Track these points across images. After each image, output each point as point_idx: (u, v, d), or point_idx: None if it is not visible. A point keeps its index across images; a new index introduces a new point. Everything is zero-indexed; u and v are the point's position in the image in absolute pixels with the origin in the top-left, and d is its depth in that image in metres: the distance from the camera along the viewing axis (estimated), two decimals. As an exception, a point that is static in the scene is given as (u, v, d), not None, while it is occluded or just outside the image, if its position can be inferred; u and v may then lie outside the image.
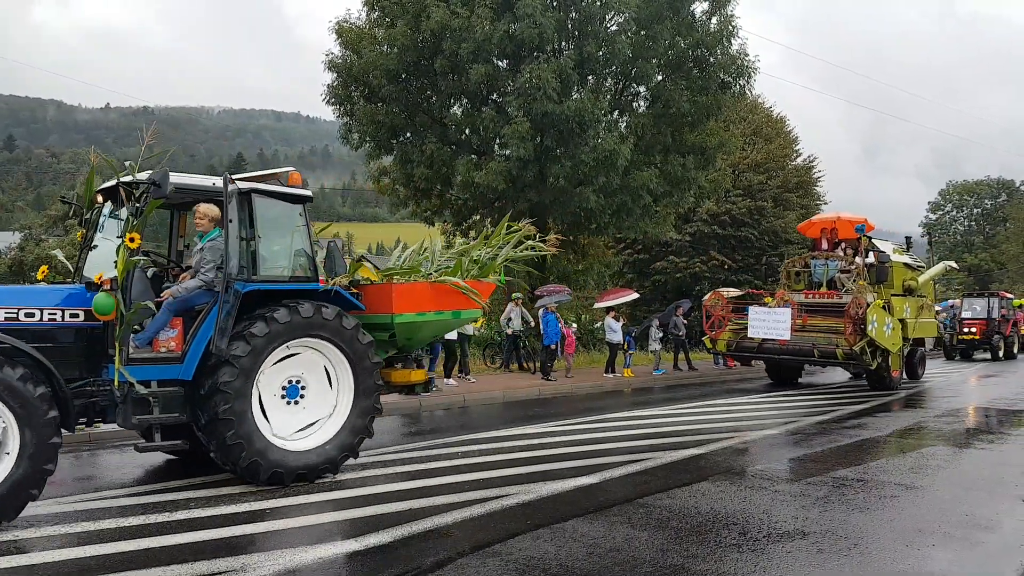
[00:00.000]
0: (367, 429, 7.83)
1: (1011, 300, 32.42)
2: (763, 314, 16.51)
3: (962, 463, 8.91)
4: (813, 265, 17.62)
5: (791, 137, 37.63)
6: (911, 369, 18.87)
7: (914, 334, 17.86)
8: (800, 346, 15.93)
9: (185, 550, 5.39)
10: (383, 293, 8.43)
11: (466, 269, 9.06)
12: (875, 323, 15.11)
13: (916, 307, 17.94)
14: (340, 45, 21.45)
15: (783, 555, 5.38)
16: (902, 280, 17.92)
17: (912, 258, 19.68)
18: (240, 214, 7.26)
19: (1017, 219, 61.17)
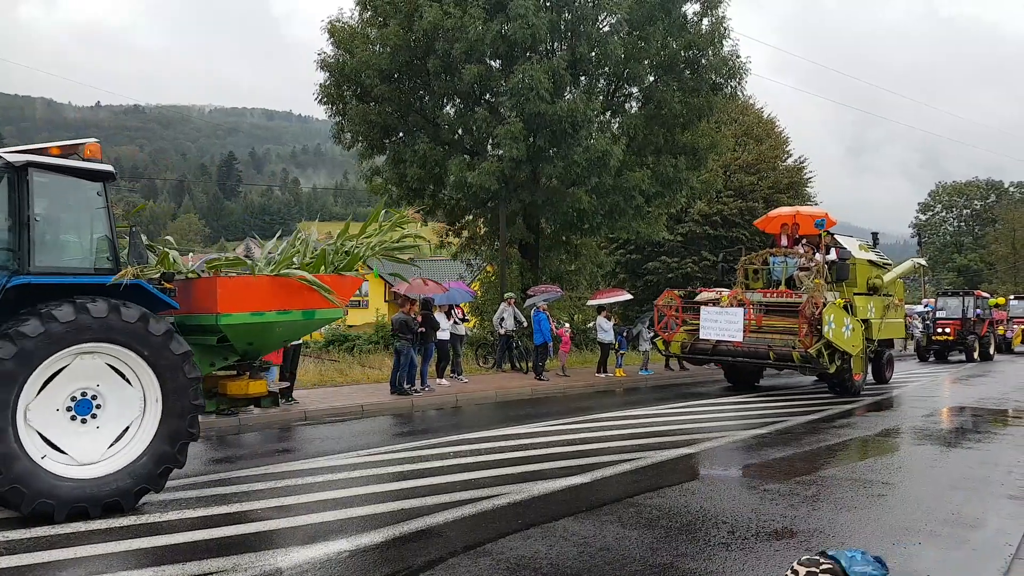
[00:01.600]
0: (175, 458, 6.58)
1: (987, 299, 31.13)
2: (715, 314, 15.63)
3: (948, 462, 8.99)
4: (772, 263, 16.75)
5: (782, 138, 37.76)
6: (878, 372, 18.15)
7: (880, 335, 16.99)
8: (755, 348, 15.04)
9: (176, 550, 5.41)
10: (207, 289, 7.22)
11: (331, 262, 8.05)
12: (832, 324, 14.26)
13: (881, 307, 17.01)
14: (332, 44, 21.42)
15: (771, 553, 5.44)
16: (867, 278, 17.08)
17: (878, 255, 18.64)
18: (11, 193, 6.19)
19: (1006, 220, 61.53)
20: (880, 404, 14.40)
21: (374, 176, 23.75)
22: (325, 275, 7.73)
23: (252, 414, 11.45)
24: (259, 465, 8.27)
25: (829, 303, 14.47)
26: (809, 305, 14.32)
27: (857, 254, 16.92)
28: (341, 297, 7.81)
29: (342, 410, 12.35)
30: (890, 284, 17.82)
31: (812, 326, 14.19)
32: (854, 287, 16.38)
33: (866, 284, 16.97)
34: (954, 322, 28.14)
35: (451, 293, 16.97)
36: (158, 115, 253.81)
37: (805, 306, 14.35)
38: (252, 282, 7.40)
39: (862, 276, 16.87)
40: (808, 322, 14.20)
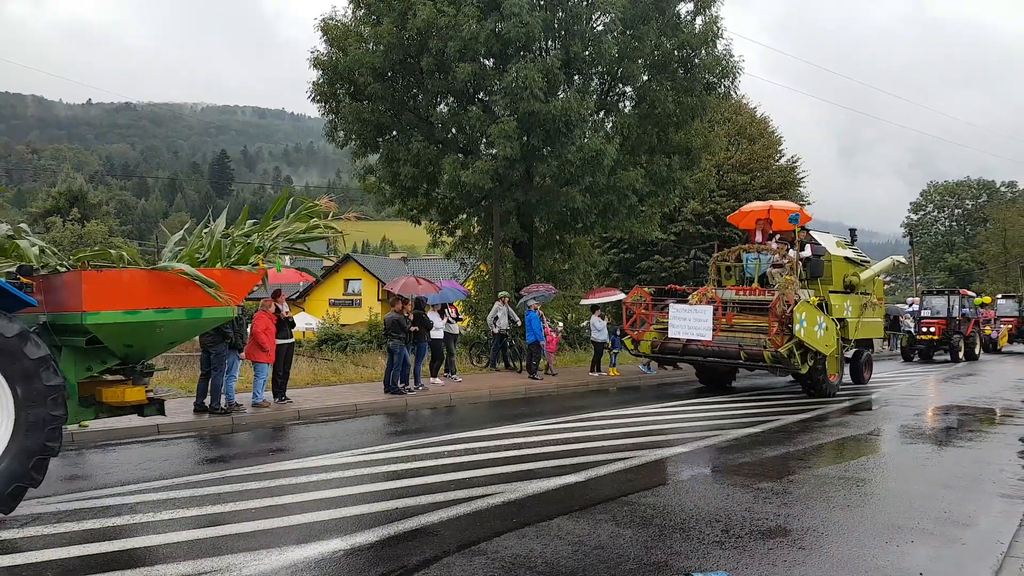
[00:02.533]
0: (30, 475, 5.88)
1: (973, 298, 30.69)
2: (684, 312, 15.09)
3: (941, 461, 9.03)
4: (745, 259, 16.10)
5: (775, 138, 37.89)
6: (856, 373, 17.59)
7: (857, 335, 16.57)
8: (725, 348, 14.55)
9: (170, 550, 5.39)
10: (72, 285, 6.50)
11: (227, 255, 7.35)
12: (804, 322, 13.73)
13: (859, 305, 16.59)
14: (325, 42, 21.37)
15: (765, 552, 5.45)
16: (843, 276, 16.49)
17: (856, 252, 17.99)
18: None
19: (997, 220, 61.91)
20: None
21: (367, 175, 23.72)
22: (215, 269, 7.02)
23: (245, 414, 11.43)
24: (252, 464, 8.24)
25: (801, 301, 13.95)
26: (780, 303, 13.85)
27: (833, 251, 16.40)
28: (233, 293, 6.98)
29: (336, 409, 12.33)
30: (868, 282, 17.31)
31: (783, 325, 13.77)
32: (830, 285, 15.86)
33: (842, 282, 16.44)
34: (939, 321, 27.79)
35: (444, 292, 16.96)
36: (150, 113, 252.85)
37: (775, 304, 13.87)
38: (124, 277, 6.65)
39: (838, 274, 16.36)
40: (779, 320, 13.76)
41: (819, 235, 16.91)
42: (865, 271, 17.28)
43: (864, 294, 16.96)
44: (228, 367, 11.52)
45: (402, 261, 63.48)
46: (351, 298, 54.39)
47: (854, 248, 18.13)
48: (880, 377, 19.43)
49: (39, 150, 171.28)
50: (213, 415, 11.12)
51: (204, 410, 11.23)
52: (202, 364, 11.55)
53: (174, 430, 10.39)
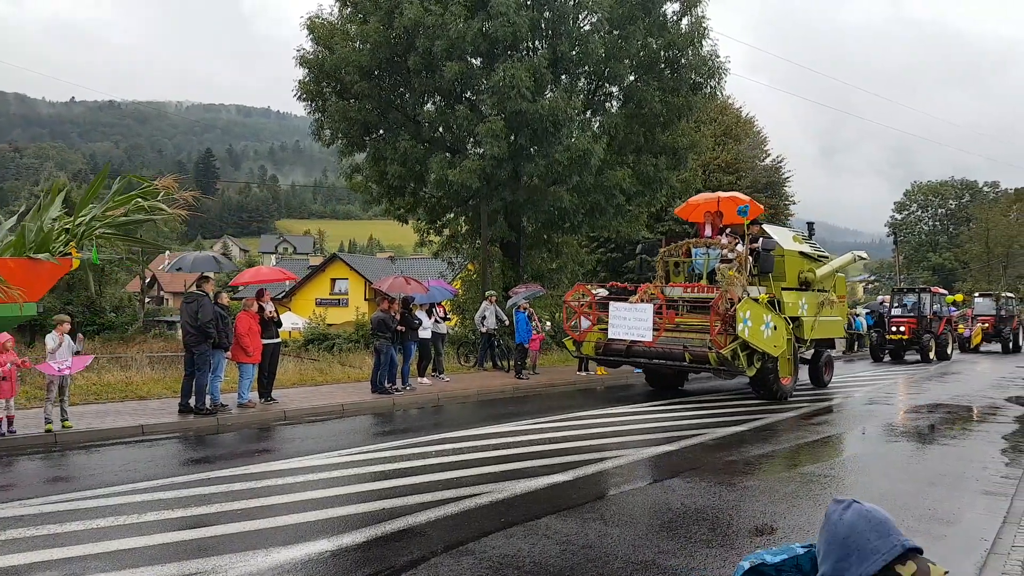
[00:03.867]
0: None
1: (944, 296, 29.55)
2: (624, 312, 14.20)
3: (925, 459, 9.11)
4: (694, 254, 15.13)
5: (760, 138, 38.11)
6: (815, 375, 16.73)
7: (814, 334, 15.63)
8: (670, 349, 13.70)
9: (155, 552, 5.34)
10: None
11: (32, 242, 6.26)
12: (749, 321, 12.89)
13: (815, 303, 15.63)
14: (312, 40, 21.28)
15: (752, 550, 5.47)
16: (798, 272, 15.54)
17: (813, 247, 17.00)
18: None
19: (980, 219, 62.53)
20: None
21: (354, 173, 23.64)
22: (6, 259, 5.99)
23: (230, 414, 11.36)
24: (239, 465, 8.19)
25: (745, 299, 13.11)
26: (722, 300, 13.02)
27: (788, 245, 15.52)
28: (28, 287, 5.92)
29: (322, 410, 12.28)
30: (826, 278, 16.31)
31: (726, 324, 12.99)
32: (783, 282, 14.96)
33: (797, 278, 15.50)
34: (909, 320, 26.74)
35: (432, 291, 16.92)
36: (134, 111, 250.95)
37: (718, 302, 13.04)
38: None
39: (792, 270, 15.40)
40: (722, 319, 12.99)
41: (773, 229, 16.15)
42: (822, 267, 16.31)
43: (821, 291, 16.05)
44: (213, 367, 11.45)
45: (389, 260, 63.35)
46: (338, 298, 54.20)
47: (811, 243, 17.29)
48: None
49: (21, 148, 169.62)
50: (198, 416, 11.04)
51: (189, 411, 11.15)
52: (186, 364, 11.47)
53: (159, 431, 10.31)
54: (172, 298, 76.12)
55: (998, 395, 16.08)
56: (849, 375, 20.68)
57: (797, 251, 15.81)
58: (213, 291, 11.76)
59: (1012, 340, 32.55)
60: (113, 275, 49.91)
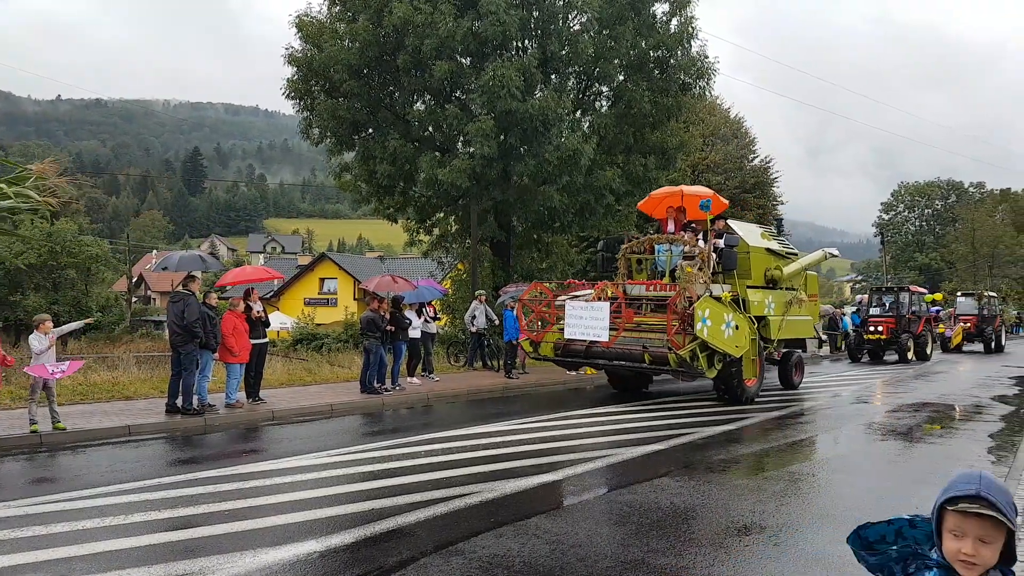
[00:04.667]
0: None
1: (923, 295, 28.85)
2: (580, 311, 13.64)
3: (912, 458, 9.16)
4: (657, 251, 14.51)
5: (749, 138, 38.27)
6: (784, 376, 16.19)
7: (782, 334, 14.99)
8: (628, 349, 13.13)
9: (141, 553, 5.30)
10: None
11: None
12: (707, 321, 12.29)
13: (783, 302, 15.02)
14: (300, 39, 21.20)
15: (741, 548, 5.49)
16: (764, 269, 14.99)
17: (781, 244, 16.34)
18: None
19: (966, 220, 63.04)
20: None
21: (343, 172, 23.57)
22: None
23: (218, 414, 11.30)
24: (226, 466, 8.14)
25: (704, 297, 12.57)
26: (680, 299, 12.46)
27: (754, 242, 14.96)
28: None
29: (311, 410, 12.23)
30: (794, 276, 15.70)
31: (684, 323, 12.41)
32: (748, 279, 14.43)
33: (763, 276, 14.96)
34: (887, 320, 26.12)
35: (421, 291, 16.89)
36: (120, 109, 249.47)
37: (675, 300, 12.50)
38: None
39: (759, 267, 14.85)
40: (680, 318, 12.40)
41: (738, 225, 15.59)
42: (790, 264, 15.69)
43: (789, 289, 15.47)
44: (200, 367, 11.38)
45: (379, 260, 63.21)
46: (326, 297, 54.05)
47: (780, 239, 16.63)
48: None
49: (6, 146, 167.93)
50: (185, 416, 10.97)
51: (176, 411, 11.08)
52: (173, 364, 11.40)
53: (146, 431, 10.24)
54: (159, 298, 75.70)
55: (969, 401, 16.19)
56: (822, 376, 20.79)
57: (764, 248, 15.23)
58: (200, 290, 11.69)
59: (994, 340, 32.08)
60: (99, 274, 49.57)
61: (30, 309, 40.49)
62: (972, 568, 1.85)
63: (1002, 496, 1.85)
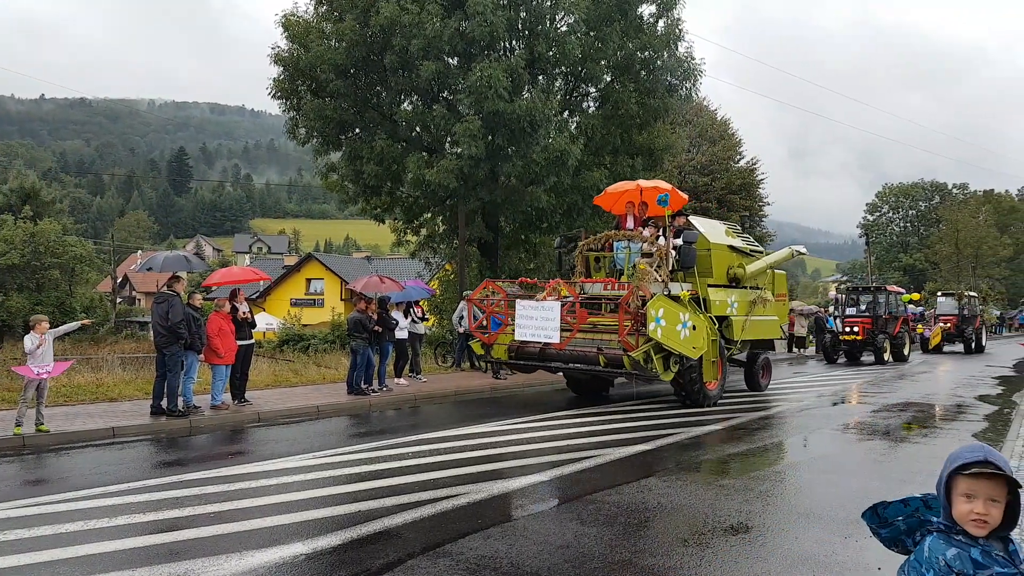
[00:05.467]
0: None
1: (901, 295, 28.33)
2: (530, 310, 12.93)
3: (897, 457, 9.23)
4: (616, 248, 13.85)
5: (735, 140, 38.45)
6: (751, 378, 15.72)
7: (746, 335, 14.54)
8: (582, 352, 12.56)
9: (125, 556, 5.25)
10: None
11: None
12: (661, 320, 11.73)
13: (746, 302, 14.56)
14: (287, 38, 21.11)
15: (728, 549, 5.51)
16: (727, 267, 14.48)
17: (746, 241, 15.91)
18: None
19: (949, 221, 63.56)
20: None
21: (330, 172, 23.49)
22: None
23: (203, 416, 11.22)
24: (211, 468, 8.09)
25: (657, 296, 12.03)
26: (633, 297, 11.90)
27: (716, 239, 14.42)
28: None
29: (297, 411, 12.17)
30: (758, 275, 15.17)
31: (637, 323, 11.92)
32: (710, 278, 13.92)
33: (726, 274, 14.46)
34: (864, 320, 25.61)
35: (409, 291, 16.85)
36: (105, 108, 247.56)
37: (627, 299, 11.93)
38: None
39: (721, 265, 14.32)
40: (632, 318, 11.91)
41: (700, 221, 15.09)
42: (754, 262, 15.15)
43: (754, 288, 14.97)
44: (185, 369, 11.30)
45: (366, 260, 63.03)
46: (313, 298, 53.84)
47: (744, 237, 16.17)
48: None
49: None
50: (170, 418, 10.90)
51: (161, 412, 11.00)
52: (157, 366, 11.31)
53: (130, 433, 10.15)
54: (144, 298, 75.17)
55: (953, 401, 16.32)
56: (808, 376, 20.91)
57: (726, 245, 14.71)
58: (185, 291, 11.61)
59: (974, 340, 31.73)
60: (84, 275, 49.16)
61: (13, 310, 40.10)
62: (983, 527, 2.06)
63: (1004, 462, 2.09)
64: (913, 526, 2.22)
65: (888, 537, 2.30)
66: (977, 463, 2.07)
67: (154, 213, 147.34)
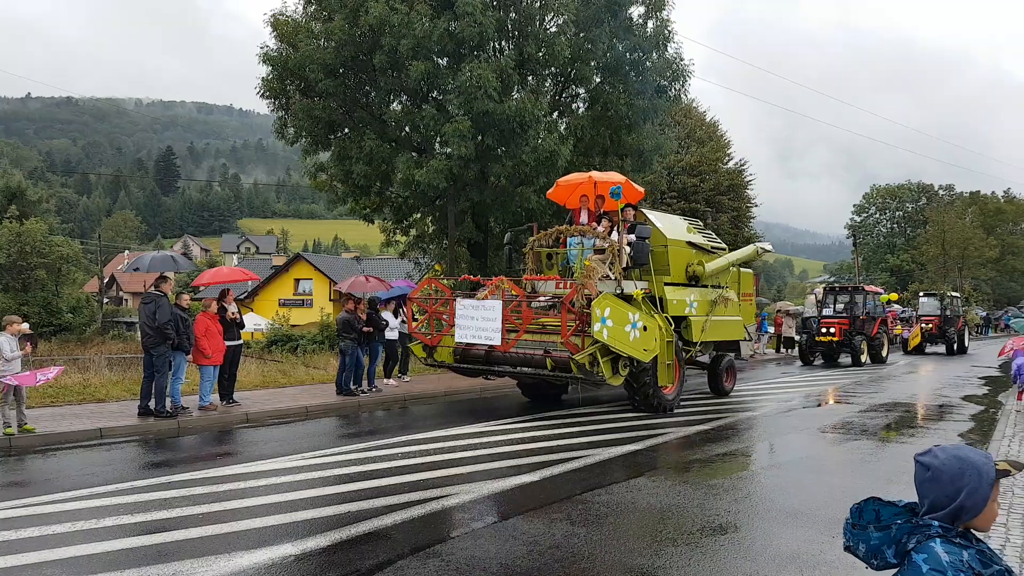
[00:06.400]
0: None
1: (879, 296, 27.62)
2: (471, 310, 12.06)
3: (883, 457, 9.29)
4: (568, 244, 13.06)
5: (723, 141, 38.59)
6: (714, 382, 15.09)
7: (706, 337, 13.77)
8: (530, 354, 11.63)
9: (113, 558, 5.22)
10: None
11: None
12: (607, 321, 10.94)
13: (707, 301, 13.87)
14: (275, 38, 21.04)
15: (716, 548, 5.53)
16: (685, 265, 13.73)
17: (707, 238, 15.11)
18: None
19: (936, 222, 64.02)
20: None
21: (319, 172, 23.41)
22: None
23: (191, 417, 11.17)
24: (200, 469, 8.05)
25: (603, 294, 11.16)
26: (577, 296, 11.06)
27: (673, 235, 13.68)
28: None
29: (286, 412, 12.13)
30: (720, 273, 14.48)
31: (582, 324, 11.10)
32: (667, 276, 13.17)
33: (685, 272, 13.75)
34: (840, 321, 24.86)
35: (395, 290, 16.81)
36: (91, 108, 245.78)
37: (570, 297, 11.14)
38: None
39: (679, 262, 13.58)
40: (577, 318, 11.10)
41: (658, 215, 14.30)
42: (715, 260, 14.42)
43: (715, 287, 14.27)
44: (173, 369, 11.25)
45: (355, 260, 62.86)
46: (302, 298, 53.63)
47: (706, 233, 15.45)
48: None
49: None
50: (158, 418, 10.84)
51: (149, 413, 10.94)
52: (145, 366, 11.25)
53: (118, 434, 10.09)
54: (131, 298, 74.68)
55: (939, 402, 16.43)
56: (780, 378, 21.02)
57: (685, 241, 13.96)
58: (172, 292, 11.54)
59: (957, 341, 31.13)
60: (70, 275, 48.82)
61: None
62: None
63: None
64: (904, 532, 2.18)
65: (875, 544, 2.21)
66: (1006, 466, 2.13)
67: (141, 213, 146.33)
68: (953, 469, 2.15)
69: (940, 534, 2.12)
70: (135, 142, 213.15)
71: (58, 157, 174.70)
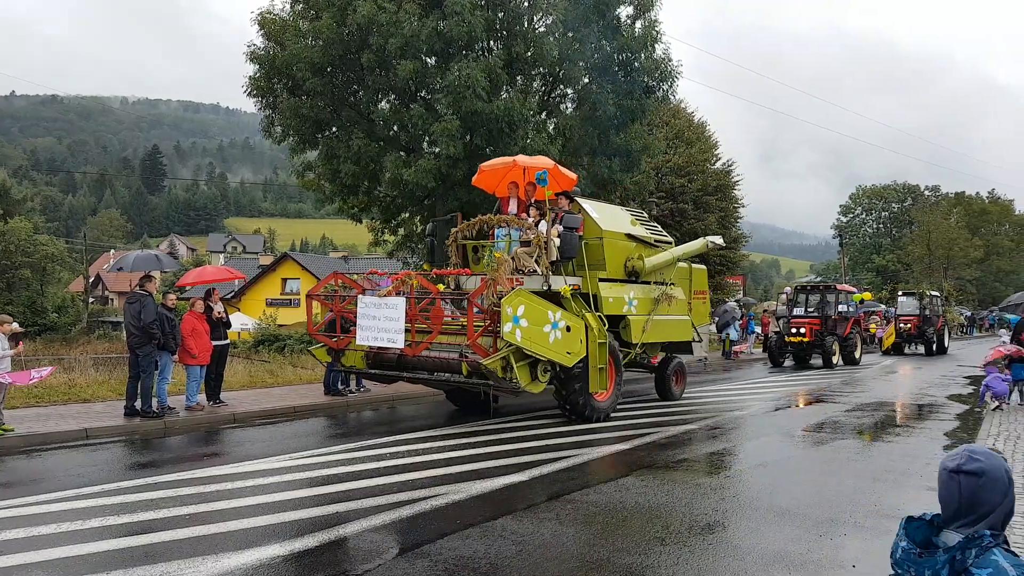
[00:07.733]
0: None
1: (852, 295, 26.60)
2: (373, 308, 10.83)
3: (870, 456, 9.36)
4: (496, 235, 12.04)
5: (711, 142, 38.72)
6: (661, 386, 14.11)
7: (648, 338, 12.72)
8: (445, 358, 10.63)
9: (99, 559, 5.18)
10: None
11: None
12: (521, 320, 9.79)
13: (649, 299, 12.83)
14: (262, 36, 20.93)
15: (704, 547, 5.55)
16: (624, 259, 12.68)
17: (651, 230, 14.00)
18: None
19: (921, 222, 64.54)
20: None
21: (306, 171, 23.33)
22: None
23: (178, 417, 11.10)
24: (186, 469, 8.00)
25: (516, 290, 10.00)
26: (487, 292, 10.03)
27: (610, 226, 12.60)
28: None
29: (273, 412, 12.08)
30: (664, 268, 13.33)
31: (493, 324, 10.04)
32: (603, 271, 12.12)
33: (624, 267, 12.68)
34: (811, 321, 23.81)
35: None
36: (77, 106, 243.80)
37: (476, 294, 10.08)
38: None
39: (617, 256, 12.51)
40: (486, 317, 10.06)
41: (595, 205, 13.24)
42: (658, 254, 13.32)
43: (658, 284, 13.20)
44: (160, 369, 11.17)
45: (342, 260, 62.67)
46: (289, 298, 53.43)
47: (651, 226, 14.32)
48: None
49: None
50: (144, 419, 10.76)
51: (135, 413, 10.87)
52: (131, 366, 11.17)
53: (103, 434, 10.02)
54: (117, 298, 74.12)
55: (926, 400, 16.53)
56: (767, 377, 21.11)
57: (623, 234, 12.88)
58: (158, 291, 11.47)
59: (936, 341, 30.37)
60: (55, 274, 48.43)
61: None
62: None
63: None
64: (958, 549, 2.00)
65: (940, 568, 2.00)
66: None
67: (127, 212, 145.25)
68: (999, 471, 2.04)
69: (997, 543, 1.98)
70: (121, 140, 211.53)
71: (43, 155, 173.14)
